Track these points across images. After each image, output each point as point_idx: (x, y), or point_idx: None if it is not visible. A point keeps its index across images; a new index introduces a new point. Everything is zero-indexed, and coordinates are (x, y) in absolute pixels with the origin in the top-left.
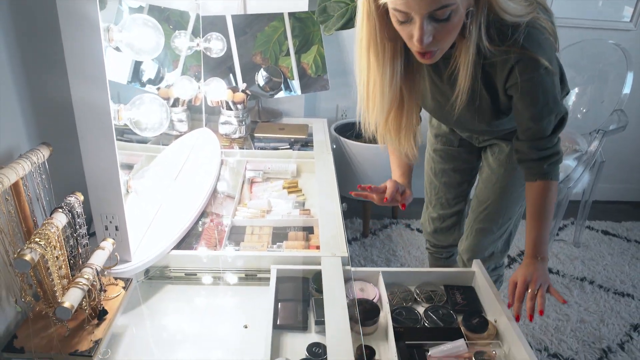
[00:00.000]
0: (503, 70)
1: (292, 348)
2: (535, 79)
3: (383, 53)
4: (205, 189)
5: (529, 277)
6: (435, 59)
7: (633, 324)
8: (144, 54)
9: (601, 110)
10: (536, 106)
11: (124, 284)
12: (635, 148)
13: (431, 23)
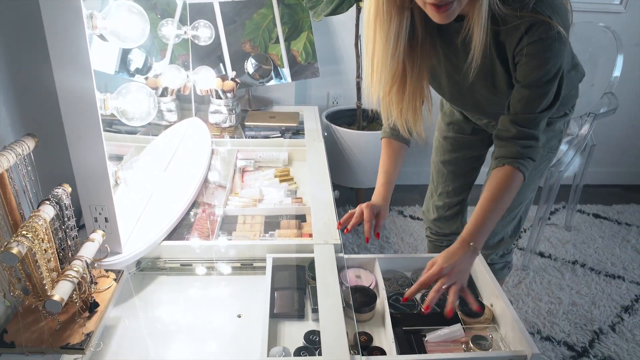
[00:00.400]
0: (514, 36)
1: (290, 336)
2: (545, 42)
3: (389, 23)
4: (196, 179)
5: (448, 268)
6: (451, 16)
7: (624, 305)
8: (129, 41)
9: (591, 93)
10: (540, 70)
11: (115, 276)
12: (625, 131)
13: None
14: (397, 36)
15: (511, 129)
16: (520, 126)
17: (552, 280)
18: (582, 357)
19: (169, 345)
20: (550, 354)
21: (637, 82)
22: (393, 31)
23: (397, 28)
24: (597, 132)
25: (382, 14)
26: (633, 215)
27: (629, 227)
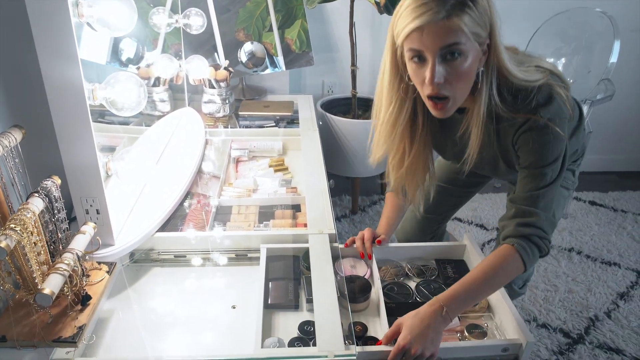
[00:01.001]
0: (512, 128)
1: (284, 327)
2: (542, 139)
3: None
4: (190, 169)
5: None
6: (448, 112)
7: (619, 292)
8: (116, 30)
9: (588, 80)
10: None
11: (107, 269)
12: (622, 118)
13: (442, 64)
14: (396, 121)
15: (510, 207)
16: (518, 204)
17: (548, 267)
18: (577, 344)
19: (163, 337)
20: (546, 341)
21: (634, 68)
22: (393, 115)
23: (397, 114)
24: (593, 119)
25: (386, 95)
26: (629, 202)
27: (624, 214)
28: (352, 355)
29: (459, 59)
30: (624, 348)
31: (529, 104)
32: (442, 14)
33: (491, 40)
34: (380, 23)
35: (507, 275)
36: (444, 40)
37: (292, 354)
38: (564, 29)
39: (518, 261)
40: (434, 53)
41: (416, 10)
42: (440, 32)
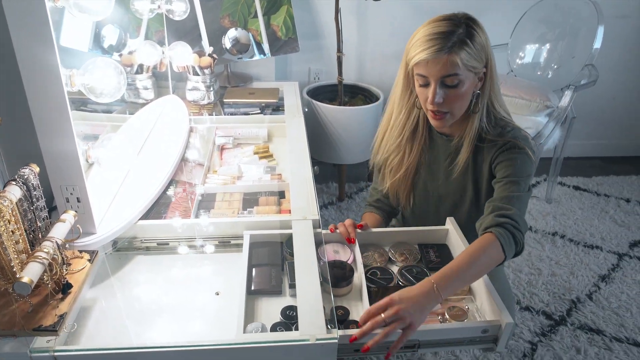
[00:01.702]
0: (491, 150)
1: (267, 312)
2: (520, 157)
3: (399, 113)
4: (173, 157)
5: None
6: (445, 123)
7: (601, 274)
8: (93, 14)
9: (572, 65)
10: (513, 168)
11: (89, 257)
12: (606, 104)
13: (443, 88)
14: (404, 126)
15: (488, 207)
16: (495, 203)
17: (532, 252)
18: (559, 325)
19: (147, 325)
20: (529, 323)
21: (617, 54)
22: (402, 121)
23: (405, 120)
24: (577, 105)
25: (397, 103)
26: (612, 186)
27: (607, 199)
28: (333, 339)
29: (456, 86)
30: (604, 329)
31: (509, 133)
32: (444, 51)
33: (487, 69)
34: (366, 9)
35: (490, 261)
36: (444, 71)
37: (274, 338)
38: (549, 15)
39: (498, 247)
40: (436, 80)
41: (426, 44)
42: (442, 64)
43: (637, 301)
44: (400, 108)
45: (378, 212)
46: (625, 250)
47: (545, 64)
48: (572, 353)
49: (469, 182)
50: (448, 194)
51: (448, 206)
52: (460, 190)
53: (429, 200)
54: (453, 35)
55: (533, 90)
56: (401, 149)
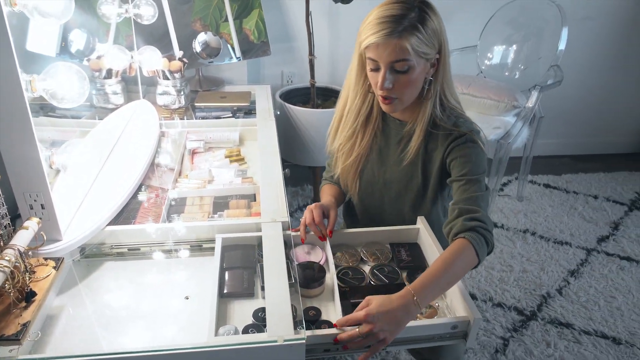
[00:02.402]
0: (445, 141)
1: (240, 315)
2: (474, 152)
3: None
4: (143, 162)
5: (379, 315)
6: (395, 109)
7: (570, 269)
8: (54, 18)
9: (538, 66)
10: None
11: (54, 264)
12: (573, 103)
13: (392, 73)
14: (359, 110)
15: (453, 210)
16: (460, 205)
17: (504, 249)
18: (530, 321)
19: (117, 331)
20: (501, 319)
21: (582, 55)
22: (357, 105)
23: (360, 104)
24: (545, 105)
25: (352, 88)
26: (580, 184)
27: (576, 196)
28: (301, 339)
29: (406, 71)
30: (574, 322)
31: (463, 124)
32: (394, 35)
33: (440, 56)
34: (337, 12)
35: (465, 266)
36: (393, 56)
37: (242, 340)
38: (516, 17)
39: (472, 252)
40: (386, 65)
41: (376, 27)
42: (392, 49)
43: (605, 294)
44: (356, 92)
45: (336, 185)
46: (593, 245)
47: (512, 65)
48: (543, 347)
49: (417, 169)
50: (394, 180)
51: (393, 193)
52: (408, 177)
53: (375, 186)
54: (404, 19)
55: (501, 90)
56: (355, 134)
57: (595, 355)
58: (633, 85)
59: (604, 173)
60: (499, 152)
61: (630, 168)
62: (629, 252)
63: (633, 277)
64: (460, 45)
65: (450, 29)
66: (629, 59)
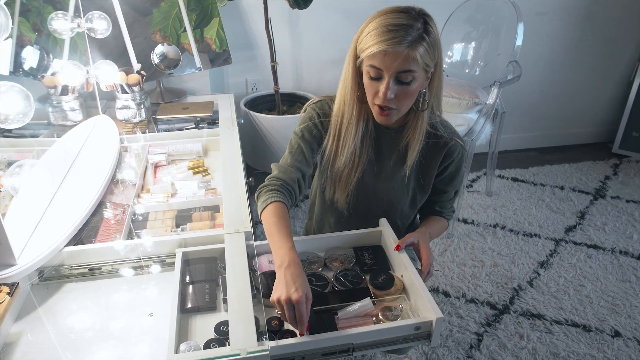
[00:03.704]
0: (440, 151)
1: (201, 329)
2: (462, 161)
3: (351, 111)
4: (102, 178)
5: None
6: (391, 120)
7: (540, 261)
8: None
9: (497, 62)
10: (459, 181)
11: (8, 290)
12: (534, 97)
13: (396, 84)
14: (357, 125)
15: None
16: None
17: (475, 245)
18: (503, 314)
19: (79, 354)
20: (475, 315)
21: (540, 49)
22: (354, 119)
23: (357, 118)
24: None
25: (349, 101)
26: (547, 175)
27: (543, 187)
28: (264, 351)
29: (410, 83)
30: (545, 313)
31: (452, 131)
32: (404, 44)
33: (436, 69)
34: (297, 17)
35: (442, 231)
36: (402, 66)
37: (205, 356)
38: (473, 15)
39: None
40: (391, 74)
41: (383, 35)
42: (402, 58)
43: (574, 283)
44: (352, 106)
45: (287, 202)
46: (561, 235)
47: (472, 62)
48: (516, 339)
49: (411, 181)
50: (386, 189)
51: (383, 203)
52: (402, 186)
53: (367, 195)
54: (412, 30)
55: (462, 88)
56: (355, 151)
57: (567, 344)
58: (590, 78)
59: (568, 164)
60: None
61: (594, 158)
62: (595, 240)
63: (600, 264)
64: None
65: None
66: (584, 53)
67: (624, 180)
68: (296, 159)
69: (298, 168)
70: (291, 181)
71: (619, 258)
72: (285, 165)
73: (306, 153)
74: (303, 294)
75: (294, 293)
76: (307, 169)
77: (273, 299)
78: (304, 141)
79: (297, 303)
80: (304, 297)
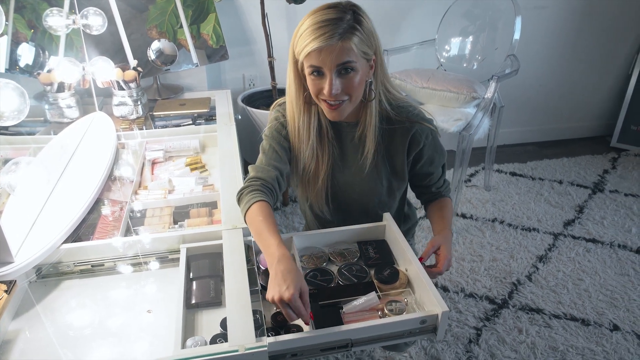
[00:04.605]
0: (405, 137)
1: (207, 325)
2: (435, 139)
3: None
4: (99, 175)
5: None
6: (342, 114)
7: (538, 255)
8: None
9: (495, 56)
10: (440, 158)
11: (6, 287)
12: (533, 91)
13: (338, 77)
14: (308, 126)
15: (429, 188)
16: (439, 188)
17: (473, 239)
18: (502, 309)
19: (79, 351)
20: (474, 309)
21: (538, 43)
22: (304, 121)
23: (308, 120)
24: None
25: (295, 104)
26: (545, 170)
27: (542, 182)
28: (262, 347)
29: (351, 73)
30: (544, 307)
31: (414, 114)
32: (336, 37)
33: (376, 56)
34: (294, 12)
35: (451, 209)
36: (339, 59)
37: (206, 352)
38: (470, 9)
39: (452, 205)
40: (331, 69)
41: (314, 33)
42: (336, 52)
43: (573, 277)
44: (300, 108)
45: (270, 201)
46: (560, 229)
47: (470, 56)
48: (515, 334)
49: (380, 169)
50: (356, 183)
51: (358, 196)
52: (371, 178)
53: (341, 192)
54: (342, 22)
55: (460, 82)
56: (314, 153)
57: (566, 338)
58: (589, 71)
59: (567, 158)
60: (462, 143)
61: (592, 152)
62: (594, 234)
63: (599, 258)
64: (419, 40)
65: (409, 23)
66: (582, 46)
67: (622, 174)
68: (270, 157)
69: (274, 166)
70: (270, 179)
71: (618, 252)
72: (262, 166)
73: (279, 152)
74: (295, 290)
75: (285, 292)
76: (284, 166)
77: (267, 297)
78: (273, 140)
79: (290, 301)
80: (296, 293)
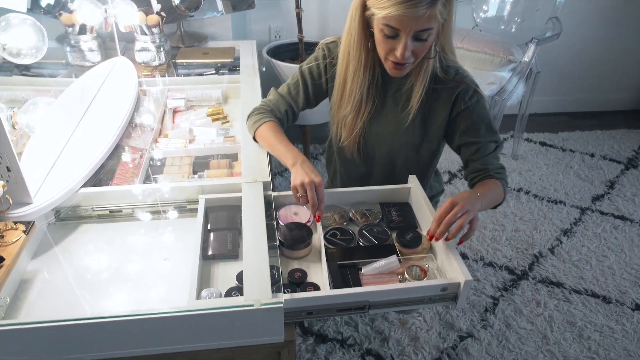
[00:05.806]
0: (450, 96)
1: (223, 277)
2: (481, 106)
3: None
4: (120, 121)
5: (468, 205)
6: (405, 72)
7: (563, 228)
8: None
9: (536, 18)
10: (488, 131)
11: (24, 228)
12: (571, 58)
13: (413, 41)
14: (362, 78)
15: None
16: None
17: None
18: (521, 280)
19: (95, 295)
20: (492, 278)
21: (582, 6)
22: (361, 72)
23: (363, 72)
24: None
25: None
26: (577, 142)
27: (572, 154)
28: (278, 303)
29: (428, 38)
30: (564, 281)
31: (463, 75)
32: (424, 5)
33: (449, 15)
34: None
35: (497, 198)
36: (420, 25)
37: (220, 304)
38: None
39: (502, 190)
40: (409, 34)
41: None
42: (419, 19)
43: (597, 254)
44: (358, 56)
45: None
46: (587, 204)
47: (509, 17)
48: (532, 306)
49: (415, 125)
50: (390, 133)
51: (386, 148)
52: (404, 132)
53: (372, 139)
54: None
55: (496, 44)
56: (359, 102)
57: (585, 314)
58: (632, 40)
59: (601, 131)
60: (493, 108)
61: (628, 126)
62: (623, 211)
63: (626, 236)
64: None
65: None
66: (629, 12)
67: None
68: (293, 91)
69: (290, 102)
70: (284, 110)
71: None
72: (283, 94)
73: (301, 91)
74: (322, 178)
75: (315, 177)
76: (297, 106)
77: (294, 184)
78: (302, 79)
79: (319, 185)
80: (322, 181)
